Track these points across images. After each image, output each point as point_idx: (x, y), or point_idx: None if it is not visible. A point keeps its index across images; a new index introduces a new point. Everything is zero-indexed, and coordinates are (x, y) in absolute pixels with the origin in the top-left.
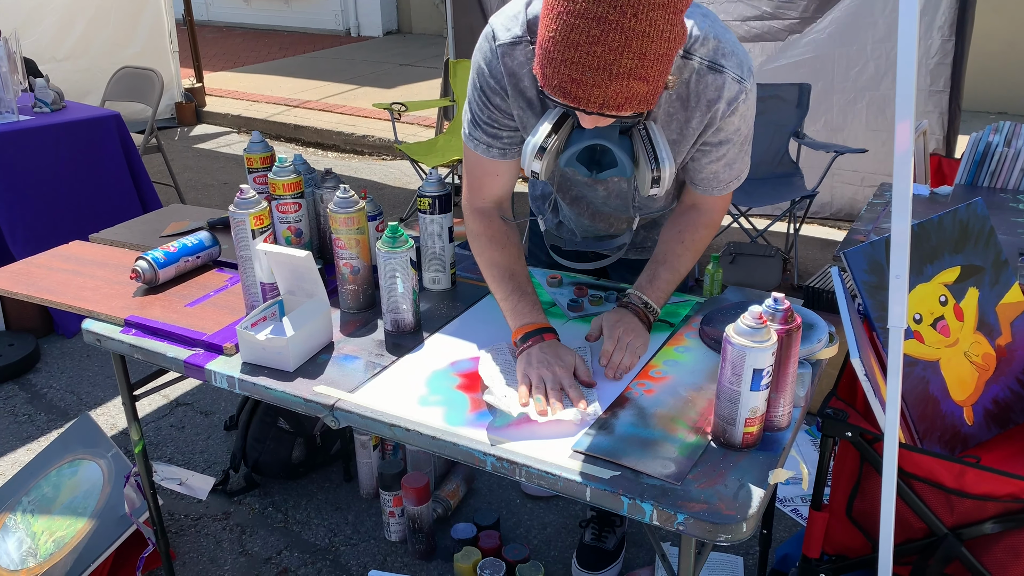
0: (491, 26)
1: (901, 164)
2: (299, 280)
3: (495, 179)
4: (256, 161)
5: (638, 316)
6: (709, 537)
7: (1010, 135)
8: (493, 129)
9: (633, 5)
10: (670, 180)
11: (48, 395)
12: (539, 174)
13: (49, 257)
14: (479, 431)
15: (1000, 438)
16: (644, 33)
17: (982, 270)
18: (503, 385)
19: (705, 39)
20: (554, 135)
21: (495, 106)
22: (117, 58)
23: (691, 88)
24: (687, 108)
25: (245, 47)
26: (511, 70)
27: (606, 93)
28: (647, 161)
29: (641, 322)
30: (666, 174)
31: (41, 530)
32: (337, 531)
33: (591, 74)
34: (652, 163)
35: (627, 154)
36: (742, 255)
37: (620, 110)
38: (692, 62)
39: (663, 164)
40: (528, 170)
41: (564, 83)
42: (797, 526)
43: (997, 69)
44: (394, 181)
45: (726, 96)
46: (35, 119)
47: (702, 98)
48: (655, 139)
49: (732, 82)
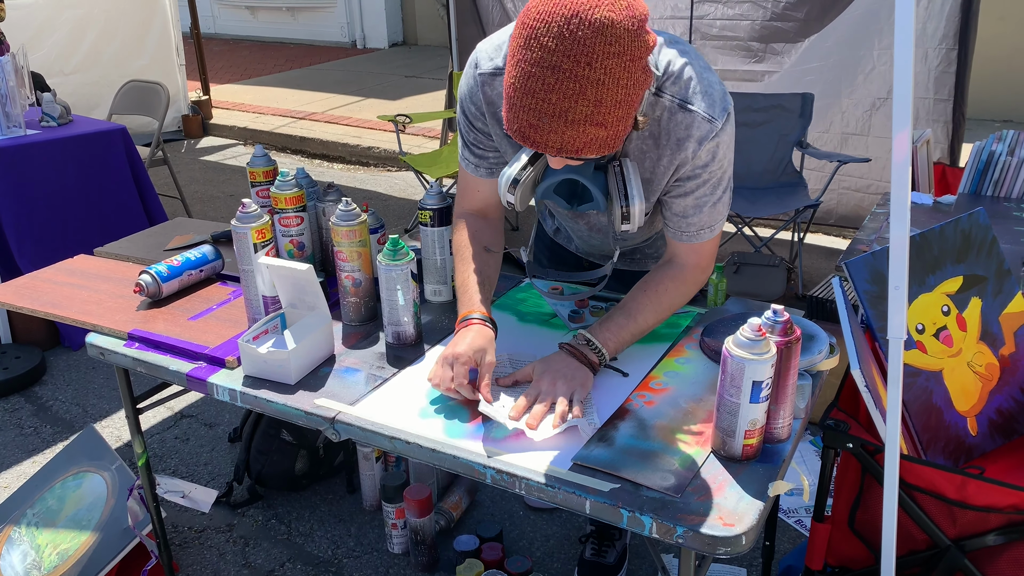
0: (476, 52)
1: (899, 174)
2: (301, 293)
3: (479, 194)
4: (259, 175)
5: (574, 355)
6: (709, 550)
7: (1013, 144)
8: (479, 150)
9: (587, 54)
10: (640, 217)
11: (54, 407)
12: (514, 204)
13: (54, 271)
14: (479, 443)
15: (1005, 449)
16: (599, 81)
17: (985, 280)
18: (499, 395)
19: (679, 77)
20: (530, 167)
21: (478, 130)
22: (125, 71)
23: (662, 126)
24: (659, 146)
25: (251, 59)
26: (490, 99)
27: (563, 138)
28: (618, 197)
29: (578, 361)
30: (635, 210)
31: (45, 543)
32: (340, 543)
33: (547, 120)
34: (622, 199)
35: (600, 189)
36: (746, 265)
37: (580, 153)
38: (663, 99)
39: (632, 200)
40: (503, 200)
41: (523, 128)
42: (801, 537)
43: (1003, 76)
44: (399, 192)
45: (696, 135)
46: (42, 133)
47: (672, 136)
48: (628, 175)
49: (702, 121)
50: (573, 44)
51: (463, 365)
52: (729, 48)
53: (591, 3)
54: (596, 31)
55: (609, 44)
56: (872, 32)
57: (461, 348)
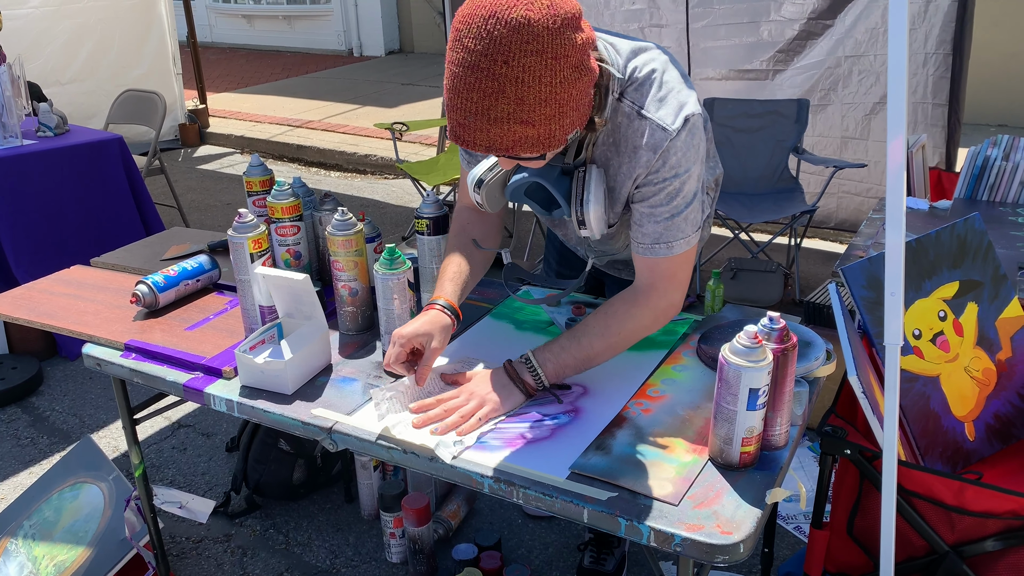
0: None
1: (894, 180)
2: (297, 303)
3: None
4: (255, 184)
5: (508, 374)
6: (707, 558)
7: (1008, 148)
8: (466, 152)
9: (503, 53)
10: (599, 224)
11: (51, 418)
12: (482, 204)
13: (50, 282)
14: (477, 453)
15: (1002, 454)
16: (518, 79)
17: (981, 285)
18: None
19: (641, 84)
20: (497, 168)
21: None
22: (122, 81)
23: (621, 132)
24: (619, 153)
25: (248, 68)
26: None
27: (489, 136)
28: (576, 203)
29: (511, 380)
30: (590, 216)
31: (42, 554)
32: (338, 553)
33: (472, 119)
34: (578, 205)
35: (563, 194)
36: (743, 270)
37: (512, 152)
38: (623, 105)
39: (587, 206)
40: (472, 199)
41: (454, 127)
42: (800, 544)
43: (998, 81)
44: (396, 200)
45: (649, 143)
46: (39, 143)
47: (629, 143)
48: (588, 181)
49: (656, 129)
50: (490, 43)
51: (401, 346)
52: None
53: (509, 3)
54: (512, 29)
55: (527, 42)
56: (874, 35)
57: (407, 329)
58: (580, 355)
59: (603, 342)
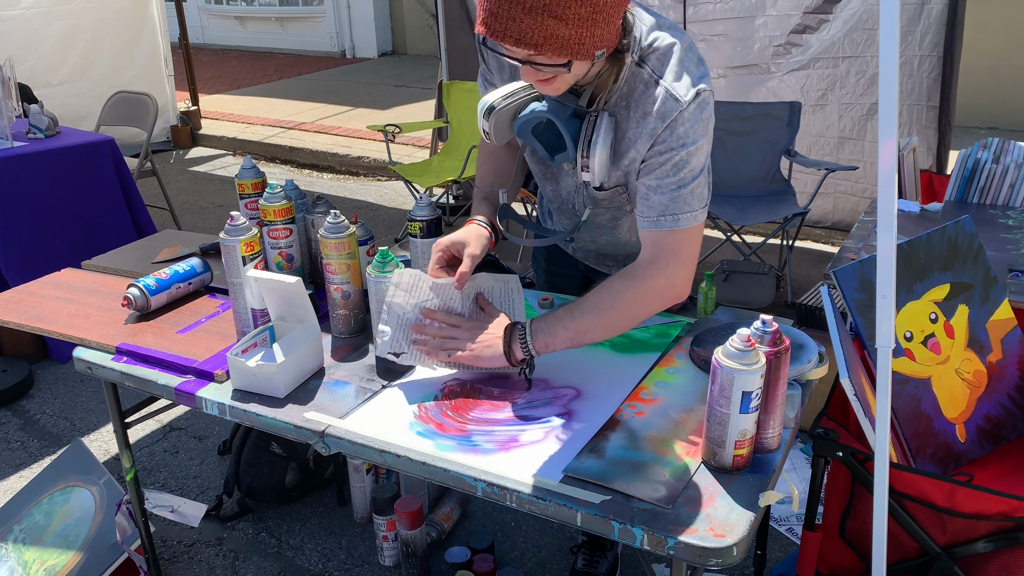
0: None
1: (886, 183)
2: (290, 306)
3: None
4: (247, 187)
5: (504, 336)
6: (700, 562)
7: (998, 151)
8: (485, 80)
9: None
10: (601, 171)
11: (41, 421)
12: (489, 134)
13: (41, 285)
14: (471, 456)
15: (993, 455)
16: None
17: (971, 287)
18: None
19: (662, 55)
20: (511, 99)
21: (484, 59)
22: (113, 82)
23: (636, 96)
24: (630, 116)
25: (240, 70)
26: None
27: (521, 27)
28: (583, 145)
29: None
30: (595, 161)
31: (32, 559)
32: (331, 556)
33: (506, 7)
34: (585, 147)
35: (571, 135)
36: (735, 273)
37: (540, 49)
38: (643, 71)
39: (594, 147)
40: (480, 128)
41: (485, 17)
42: (792, 546)
43: (988, 84)
44: (389, 202)
45: (659, 111)
46: (29, 145)
47: (641, 108)
48: (599, 126)
49: (668, 98)
50: None
51: (440, 252)
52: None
53: None
54: None
55: None
56: (869, 36)
57: (445, 239)
58: (573, 328)
59: (595, 318)
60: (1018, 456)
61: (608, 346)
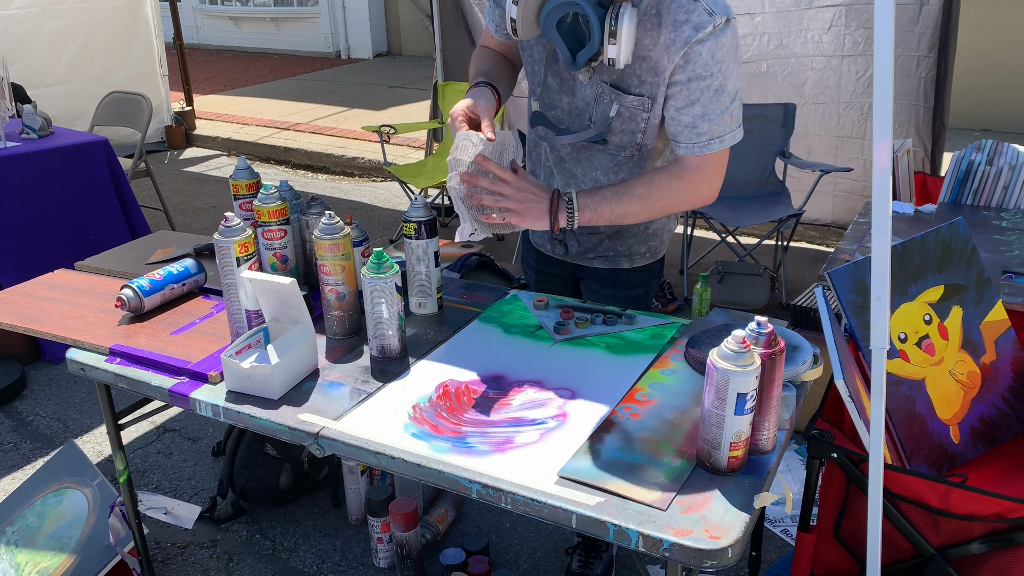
0: None
1: (880, 185)
2: (284, 307)
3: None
4: (242, 188)
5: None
6: (695, 563)
7: (992, 153)
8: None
9: None
10: (627, 50)
11: (34, 422)
12: (516, 21)
13: (34, 286)
14: (465, 458)
15: (987, 456)
16: None
17: (965, 289)
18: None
19: None
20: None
21: None
22: (108, 83)
23: (665, 6)
24: (660, 25)
25: (235, 70)
26: None
27: None
28: (611, 19)
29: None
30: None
31: (25, 561)
32: (325, 558)
33: None
34: (613, 20)
35: (599, 22)
36: (730, 274)
37: None
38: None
39: (621, 21)
40: (507, 17)
41: None
42: (787, 547)
43: (982, 86)
44: (384, 202)
45: (692, 21)
46: (22, 145)
47: (671, 16)
48: (624, 9)
49: (702, 12)
50: None
51: (460, 118)
52: None
53: None
54: None
55: None
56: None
57: (457, 107)
58: (618, 210)
59: (641, 205)
60: (1012, 457)
61: (603, 347)
